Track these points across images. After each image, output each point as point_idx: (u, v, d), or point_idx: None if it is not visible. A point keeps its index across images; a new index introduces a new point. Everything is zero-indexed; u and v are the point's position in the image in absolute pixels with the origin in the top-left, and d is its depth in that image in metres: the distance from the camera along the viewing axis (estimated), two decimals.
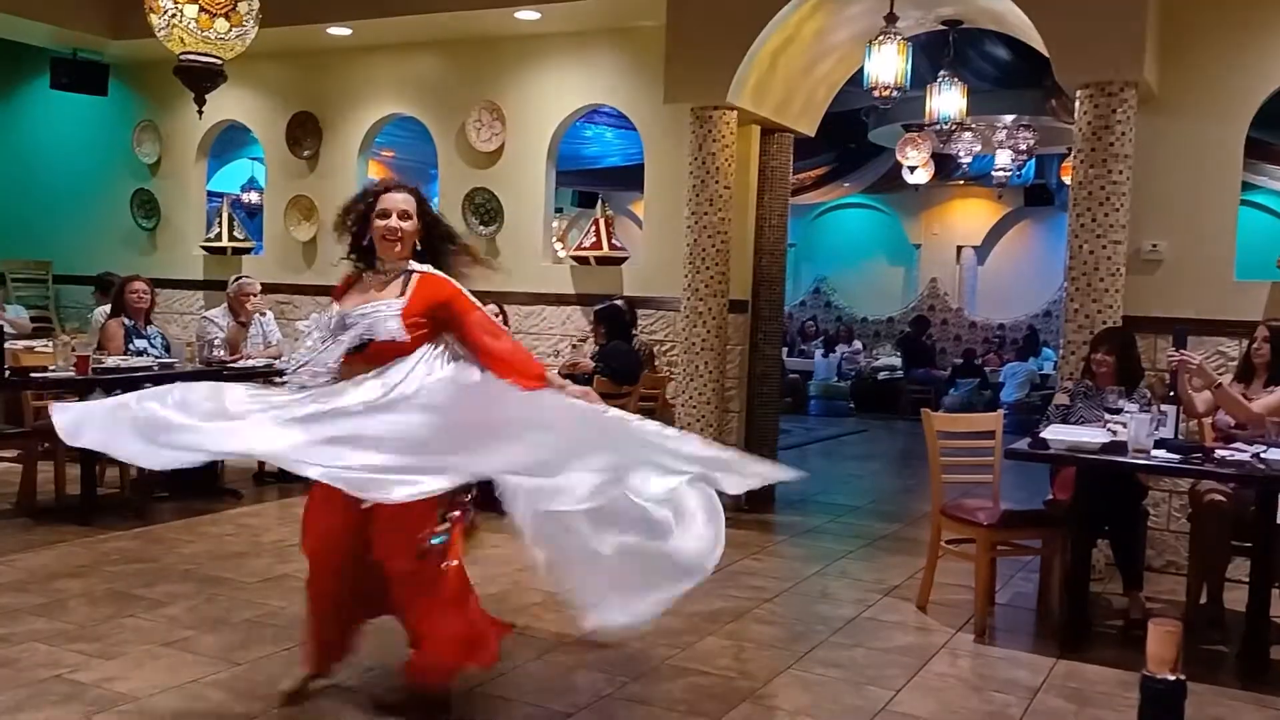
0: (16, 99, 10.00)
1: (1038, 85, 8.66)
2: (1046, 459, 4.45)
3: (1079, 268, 5.54)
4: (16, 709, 3.29)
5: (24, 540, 5.33)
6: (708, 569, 3.08)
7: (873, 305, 16.77)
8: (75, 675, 3.59)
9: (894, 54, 6.28)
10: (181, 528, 5.80)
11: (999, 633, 4.61)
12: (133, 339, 6.55)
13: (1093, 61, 5.46)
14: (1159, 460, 4.13)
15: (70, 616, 4.22)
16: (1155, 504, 5.59)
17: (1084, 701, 3.76)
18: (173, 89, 7.02)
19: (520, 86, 7.62)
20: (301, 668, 3.49)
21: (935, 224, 16.18)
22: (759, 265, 7.27)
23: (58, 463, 6.14)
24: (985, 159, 11.64)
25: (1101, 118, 5.44)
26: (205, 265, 8.93)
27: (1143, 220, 5.69)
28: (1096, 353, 4.87)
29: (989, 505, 4.72)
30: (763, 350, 7.30)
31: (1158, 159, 5.73)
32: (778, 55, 6.61)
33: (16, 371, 5.91)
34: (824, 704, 3.64)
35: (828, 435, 11.63)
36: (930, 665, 4.07)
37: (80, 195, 9.52)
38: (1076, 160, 5.62)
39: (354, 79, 8.25)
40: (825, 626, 4.52)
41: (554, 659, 3.96)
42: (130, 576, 4.81)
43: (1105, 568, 5.28)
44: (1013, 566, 5.41)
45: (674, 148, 6.84)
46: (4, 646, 3.83)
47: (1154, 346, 5.69)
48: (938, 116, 8.05)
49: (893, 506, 7.64)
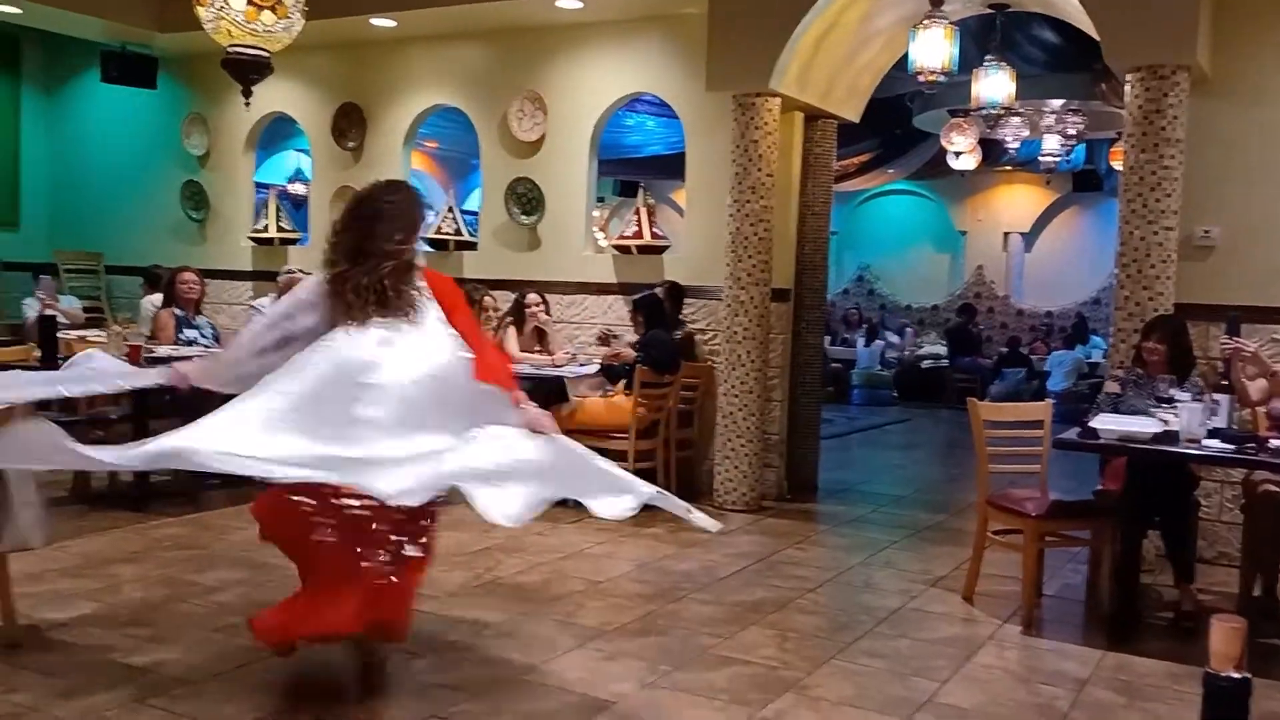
0: (68, 93, 10.17)
1: (1087, 69, 8.51)
2: (1096, 449, 4.38)
3: (1129, 254, 5.44)
4: (71, 692, 3.37)
5: (78, 526, 5.44)
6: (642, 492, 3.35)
7: (917, 293, 16.60)
8: (128, 659, 3.66)
9: (940, 38, 6.20)
10: (232, 514, 5.88)
11: (1046, 624, 4.56)
12: (183, 329, 6.66)
13: (1144, 44, 5.36)
14: (1211, 450, 4.06)
15: (124, 601, 4.30)
16: (1207, 494, 5.49)
17: (1133, 694, 3.71)
18: (220, 81, 7.10)
19: (562, 76, 7.62)
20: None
21: (981, 210, 15.97)
22: (801, 253, 7.23)
23: None
24: (1033, 144, 11.46)
25: (1153, 101, 5.33)
26: (253, 256, 9.04)
27: (1195, 206, 5.58)
28: (1147, 341, 4.79)
29: (1037, 495, 4.67)
30: (805, 339, 7.27)
31: (1210, 143, 5.61)
32: (821, 41, 6.56)
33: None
34: (868, 694, 3.62)
35: (870, 424, 11.56)
36: (976, 657, 4.04)
37: (130, 187, 9.67)
38: (1127, 145, 5.52)
39: (398, 70, 8.30)
40: (869, 617, 4.50)
41: (596, 647, 3.97)
42: (182, 562, 4.89)
43: (1155, 559, 5.20)
44: (1061, 558, 5.34)
45: (716, 136, 6.81)
46: (59, 631, 3.92)
47: (1206, 334, 5.58)
48: (984, 101, 7.93)
49: (937, 496, 7.58)
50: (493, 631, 4.09)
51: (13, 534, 3.62)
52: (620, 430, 6.21)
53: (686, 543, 5.66)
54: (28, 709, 3.23)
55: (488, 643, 3.99)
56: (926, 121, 11.33)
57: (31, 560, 4.45)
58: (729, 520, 6.25)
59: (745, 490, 6.52)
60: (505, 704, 3.41)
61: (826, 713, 3.44)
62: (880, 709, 3.49)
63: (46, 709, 3.23)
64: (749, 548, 5.63)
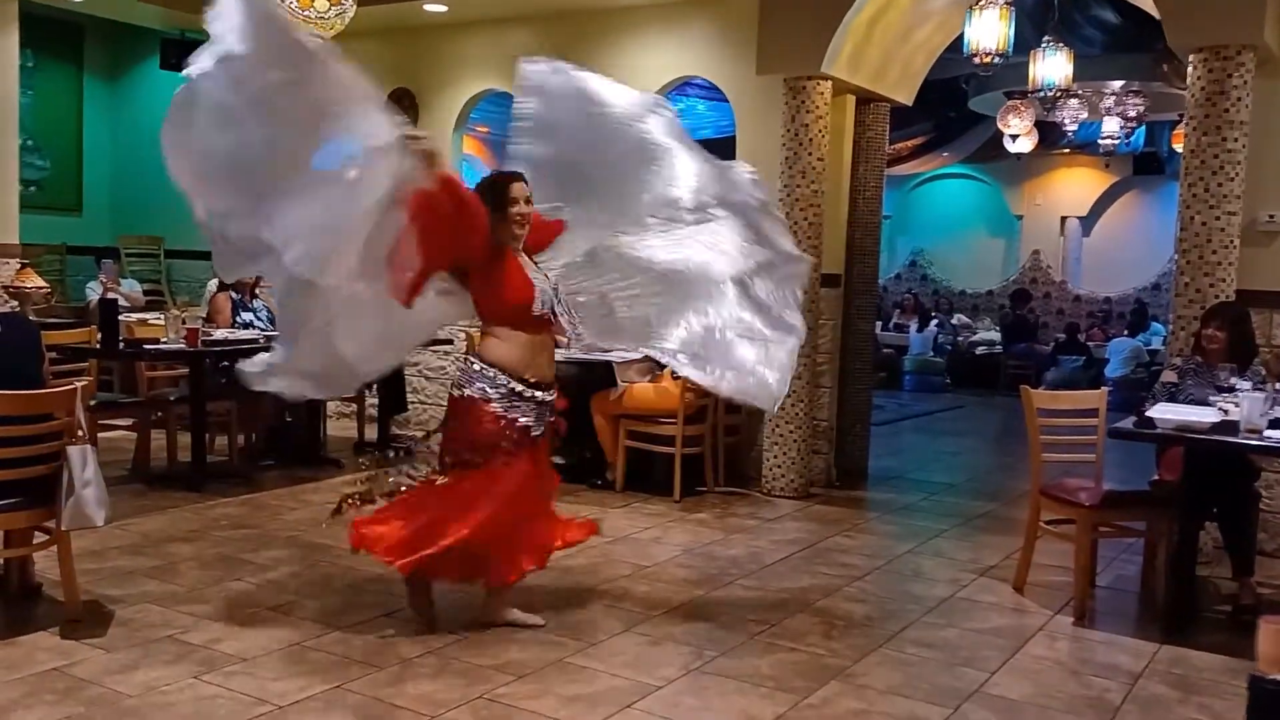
0: (129, 80, 10.37)
1: (1148, 49, 8.32)
2: (1152, 439, 4.29)
3: (1190, 239, 5.32)
4: (132, 667, 3.46)
5: (138, 505, 5.57)
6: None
7: (971, 278, 16.38)
8: (185, 636, 3.75)
9: (996, 19, 6.10)
10: (286, 495, 5.99)
11: (1099, 616, 4.49)
12: (239, 312, 6.77)
13: (1207, 24, 5.21)
14: (1272, 441, 3.96)
15: (181, 579, 4.40)
16: (1269, 485, 5.36)
17: (1189, 689, 3.64)
18: None
19: (612, 59, 7.60)
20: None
21: (1038, 194, 15.69)
22: (852, 238, 7.16)
23: (170, 431, 6.40)
24: (1092, 126, 11.23)
25: (1216, 82, 5.19)
26: None
27: (1259, 190, 5.43)
28: (1207, 328, 4.68)
29: (1090, 485, 4.59)
30: (855, 325, 7.21)
31: (1276, 126, 5.45)
32: (874, 23, 6.47)
33: (131, 343, 6.17)
34: (916, 684, 3.60)
35: (922, 411, 11.44)
36: (1027, 648, 3.99)
37: None
38: (1189, 127, 5.39)
39: (449, 55, 8.33)
40: (918, 606, 4.46)
41: (642, 631, 3.99)
42: (237, 542, 4.99)
43: (1212, 551, 5.09)
44: (1114, 549, 5.26)
45: (766, 119, 6.75)
46: (120, 606, 4.02)
47: (1269, 322, 5.44)
48: (1042, 83, 7.78)
49: (989, 485, 7.48)
50: (543, 614, 4.12)
51: (75, 513, 3.71)
52: (669, 415, 6.21)
53: (734, 529, 5.66)
54: (87, 682, 3.32)
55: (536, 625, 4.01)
56: (982, 104, 11.16)
57: (93, 538, 4.59)
58: (777, 507, 6.23)
59: (794, 477, 6.49)
60: (552, 686, 3.44)
61: (872, 701, 3.43)
62: (927, 698, 3.47)
63: (105, 683, 3.32)
64: (796, 534, 5.61)
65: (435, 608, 3.97)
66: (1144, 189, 15.04)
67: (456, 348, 7.89)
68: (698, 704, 3.38)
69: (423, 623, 3.90)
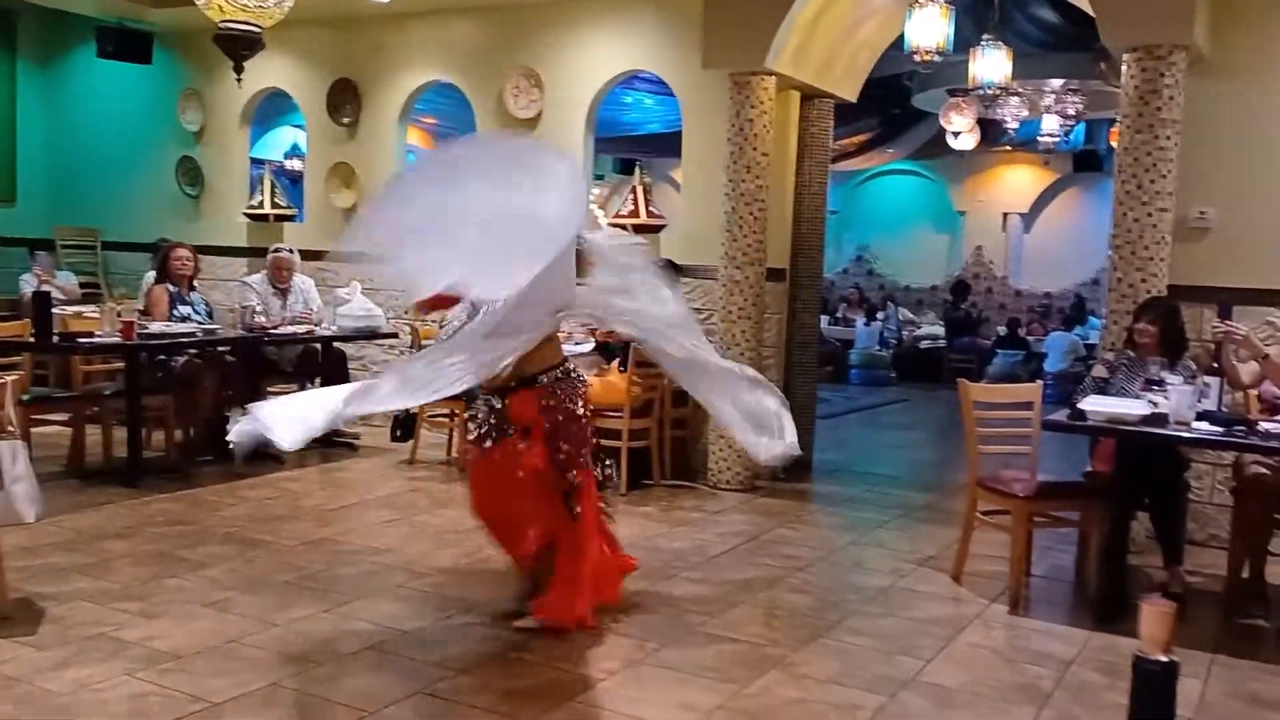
0: (64, 68, 10.12)
1: (1086, 48, 8.44)
2: (1085, 430, 4.38)
3: (1124, 236, 5.43)
4: (63, 665, 3.39)
5: (73, 501, 5.46)
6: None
7: (916, 273, 16.58)
8: (119, 633, 3.69)
9: (936, 17, 6.16)
10: (224, 491, 5.90)
11: (1034, 605, 4.58)
12: (177, 305, 6.66)
13: (1140, 24, 5.32)
14: (1200, 433, 4.06)
15: (115, 576, 4.32)
16: (1198, 477, 5.50)
17: (1118, 675, 3.71)
18: (215, 57, 7.07)
19: (558, 52, 7.58)
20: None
21: (981, 191, 15.92)
22: (798, 233, 7.21)
23: (105, 426, 6.27)
24: (1032, 124, 11.40)
25: (1149, 82, 5.31)
26: (249, 232, 9.02)
27: (1190, 187, 5.56)
28: (1139, 322, 4.78)
29: (1025, 476, 4.67)
30: (801, 319, 7.26)
31: (1207, 124, 5.58)
32: (818, 19, 6.52)
33: (65, 336, 6.04)
34: (853, 672, 3.64)
35: (867, 405, 11.56)
36: (962, 636, 4.06)
37: (126, 163, 9.64)
38: (1123, 126, 5.50)
39: (393, 46, 8.25)
40: (858, 596, 4.52)
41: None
42: (174, 538, 4.91)
43: (1144, 540, 5.21)
44: (1050, 539, 5.35)
45: (712, 114, 6.77)
46: (52, 604, 3.94)
47: (1200, 317, 5.57)
48: (982, 81, 7.88)
49: (931, 477, 7.59)
50: (483, 610, 4.11)
51: (5, 508, 3.63)
52: (615, 409, 6.21)
53: (679, 522, 5.68)
54: (18, 680, 3.26)
55: (476, 620, 4.00)
56: (926, 101, 11.28)
57: (24, 535, 4.49)
58: (722, 500, 6.27)
59: (739, 470, 6.53)
60: (491, 680, 3.43)
61: (810, 690, 3.46)
62: (865, 686, 3.51)
63: (36, 681, 3.26)
64: (741, 527, 5.64)
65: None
66: (1083, 186, 15.31)
67: (401, 342, 7.83)
68: (638, 695, 3.39)
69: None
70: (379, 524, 5.34)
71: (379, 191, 4.13)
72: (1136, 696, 2.78)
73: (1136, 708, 2.77)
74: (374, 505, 5.75)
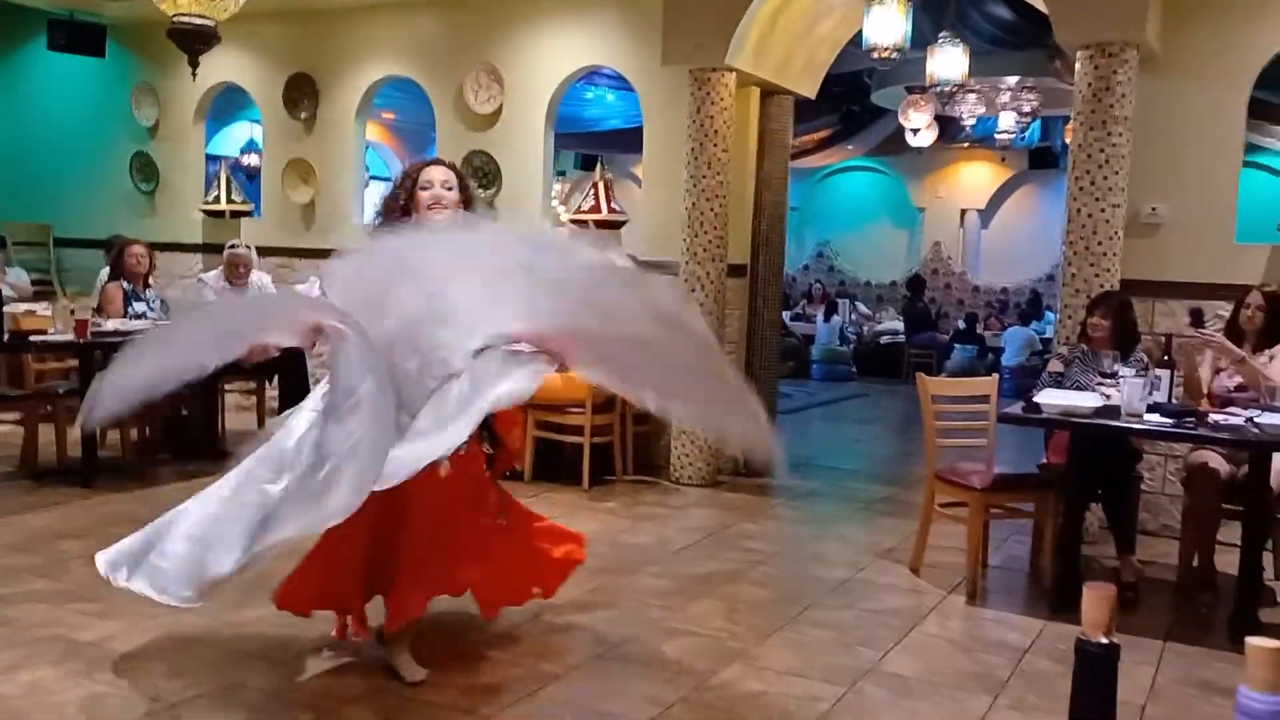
0: (14, 61, 9.95)
1: (1041, 45, 8.56)
2: (1039, 423, 4.45)
3: (1077, 231, 5.51)
4: (16, 667, 3.34)
5: (25, 502, 5.37)
6: None
7: (876, 269, 16.72)
8: (74, 635, 3.64)
9: (894, 14, 6.21)
10: (182, 490, 5.73)
11: (990, 595, 4.64)
12: (132, 302, 6.57)
13: (1093, 22, 5.40)
14: (1151, 425, 4.14)
15: (70, 577, 4.26)
16: (1150, 467, 5.60)
17: (1071, 662, 3.77)
18: (170, 51, 6.98)
19: (518, 48, 7.56)
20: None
21: (939, 187, 16.09)
22: (758, 229, 7.24)
23: (59, 425, 6.17)
24: (989, 121, 11.54)
25: (1102, 79, 5.39)
26: (205, 228, 8.92)
27: (1142, 183, 5.66)
28: (1092, 316, 4.86)
29: (982, 469, 4.74)
30: (762, 314, 7.30)
31: (1159, 121, 5.68)
32: (778, 15, 6.55)
33: (16, 335, 5.93)
34: (813, 663, 3.68)
35: (829, 399, 11.64)
36: (920, 626, 4.11)
37: (80, 158, 9.49)
38: (1076, 122, 5.58)
39: (351, 40, 8.19)
40: (818, 588, 4.56)
41: (545, 619, 3.99)
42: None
43: (1097, 530, 5.30)
44: (1007, 530, 5.43)
45: (673, 110, 6.79)
46: (4, 606, 3.88)
47: (1151, 310, 5.68)
48: (939, 78, 7.97)
49: (891, 470, 7.66)
50: (442, 604, 4.08)
51: None
52: (577, 404, 6.21)
53: (642, 517, 5.69)
54: None
55: (436, 616, 3.98)
56: (885, 98, 11.37)
57: None
58: (684, 495, 6.29)
59: (701, 465, 6.56)
60: (453, 676, 3.42)
61: (771, 682, 3.49)
62: (824, 677, 3.55)
63: None
64: (703, 521, 5.67)
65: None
66: (1039, 183, 15.51)
67: None
68: (601, 689, 3.40)
69: None
70: None
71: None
72: (1079, 679, 2.84)
73: (1079, 689, 2.83)
74: None
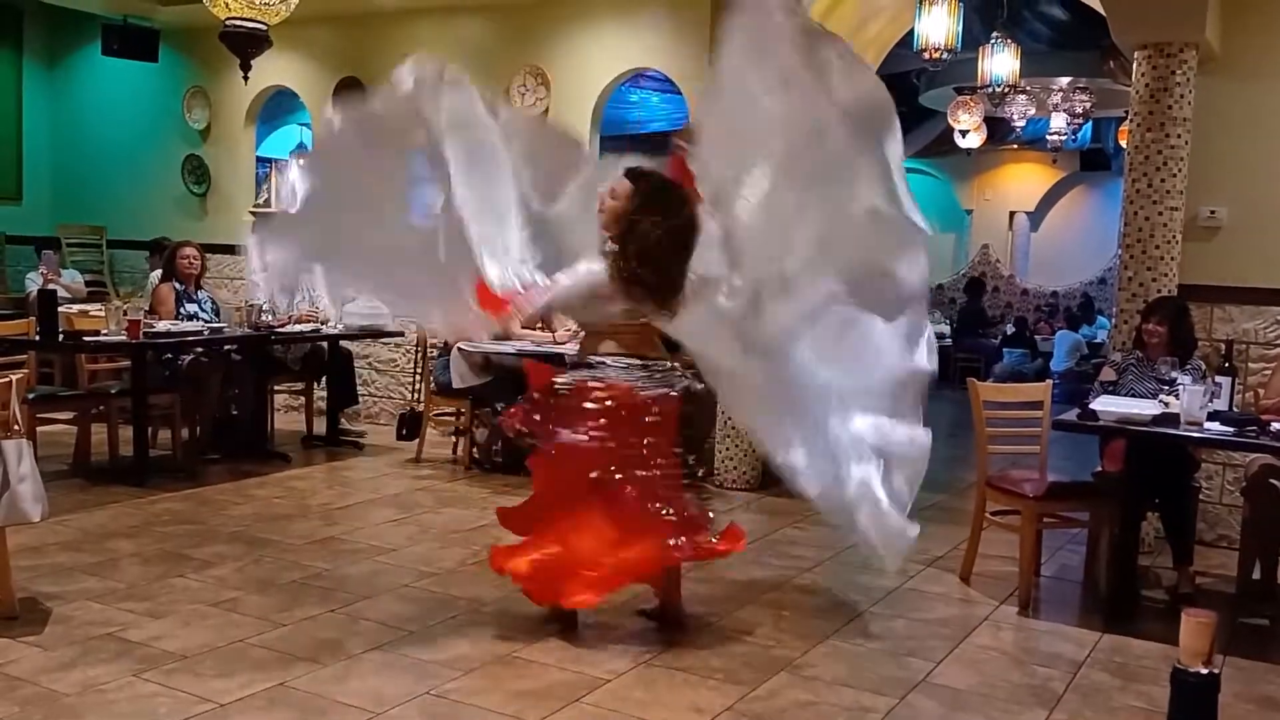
0: (70, 66, 10.12)
1: (1095, 46, 8.44)
2: (1095, 430, 4.36)
3: (1134, 235, 5.40)
4: (69, 665, 3.38)
5: (78, 500, 5.45)
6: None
7: None
8: (125, 633, 3.67)
9: (945, 14, 6.14)
10: (231, 490, 5.90)
11: (1043, 606, 4.55)
12: (183, 303, 6.65)
13: (1151, 21, 5.29)
14: (1212, 433, 4.04)
15: (121, 576, 4.31)
16: (1209, 476, 5.47)
17: (1129, 676, 3.70)
18: (221, 55, 7.06)
19: (564, 50, 7.56)
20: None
21: (988, 189, 15.87)
22: None
23: (111, 425, 6.27)
24: (1040, 122, 11.38)
25: (1160, 80, 5.27)
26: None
27: (1201, 186, 5.53)
28: (1148, 322, 4.76)
29: (1035, 476, 4.65)
30: None
31: (1218, 122, 5.54)
32: (826, 16, 6.48)
33: (70, 335, 6.03)
34: (862, 674, 3.62)
35: None
36: (972, 638, 4.04)
37: (132, 161, 9.63)
38: (1133, 124, 5.47)
39: (399, 43, 8.22)
40: (866, 597, 4.49)
41: (591, 625, 3.97)
42: (180, 537, 4.90)
43: (1154, 541, 5.19)
44: (1059, 539, 5.33)
45: None
46: (58, 604, 3.93)
47: (1209, 316, 5.55)
48: (990, 79, 7.86)
49: (939, 476, 7.48)
50: (490, 609, 4.09)
51: (10, 508, 3.62)
52: None
53: None
54: (23, 681, 3.24)
55: (484, 620, 3.99)
56: (933, 99, 11.26)
57: (30, 534, 4.48)
58: (729, 499, 6.25)
59: (746, 469, 6.51)
60: (500, 681, 3.42)
61: (819, 692, 3.44)
62: (874, 689, 3.49)
63: (42, 682, 3.25)
64: (748, 526, 5.56)
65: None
66: (1090, 185, 15.26)
67: (408, 339, 7.82)
68: (646, 697, 3.37)
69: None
70: (385, 523, 5.33)
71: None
72: (1175, 711, 2.72)
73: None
74: (380, 504, 5.74)
